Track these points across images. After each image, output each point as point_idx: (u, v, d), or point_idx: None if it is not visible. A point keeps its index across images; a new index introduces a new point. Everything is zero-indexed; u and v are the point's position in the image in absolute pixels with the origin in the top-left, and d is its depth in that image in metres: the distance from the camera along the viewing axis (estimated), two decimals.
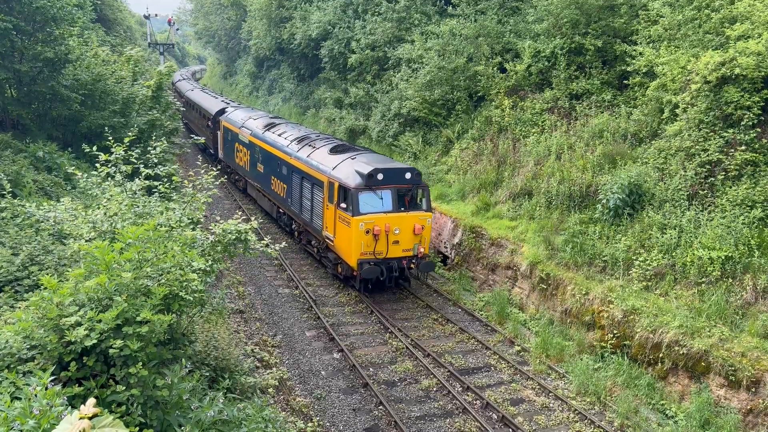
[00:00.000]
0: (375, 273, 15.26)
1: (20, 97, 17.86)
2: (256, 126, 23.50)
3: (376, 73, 29.95)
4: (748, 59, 12.92)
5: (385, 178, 15.38)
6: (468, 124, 22.76)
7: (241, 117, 25.97)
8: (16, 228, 10.41)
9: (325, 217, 16.54)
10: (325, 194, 16.38)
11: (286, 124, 23.09)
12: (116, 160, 10.00)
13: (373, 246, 15.26)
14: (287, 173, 19.40)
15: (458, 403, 11.66)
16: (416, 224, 15.62)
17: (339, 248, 16.13)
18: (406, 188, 15.78)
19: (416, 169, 16.05)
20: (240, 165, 25.36)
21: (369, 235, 15.10)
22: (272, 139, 21.27)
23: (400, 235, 15.52)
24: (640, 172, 14.82)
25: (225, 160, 28.13)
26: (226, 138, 27.48)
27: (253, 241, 9.15)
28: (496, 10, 23.80)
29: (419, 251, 15.89)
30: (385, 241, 15.36)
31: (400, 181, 15.65)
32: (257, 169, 22.75)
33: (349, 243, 15.33)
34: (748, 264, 11.94)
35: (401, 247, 15.70)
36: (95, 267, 6.28)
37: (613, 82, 18.82)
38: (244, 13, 53.66)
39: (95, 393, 5.36)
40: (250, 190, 25.17)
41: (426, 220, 15.84)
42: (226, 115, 28.01)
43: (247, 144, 23.66)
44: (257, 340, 13.59)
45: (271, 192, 21.41)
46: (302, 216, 18.46)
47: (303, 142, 19.42)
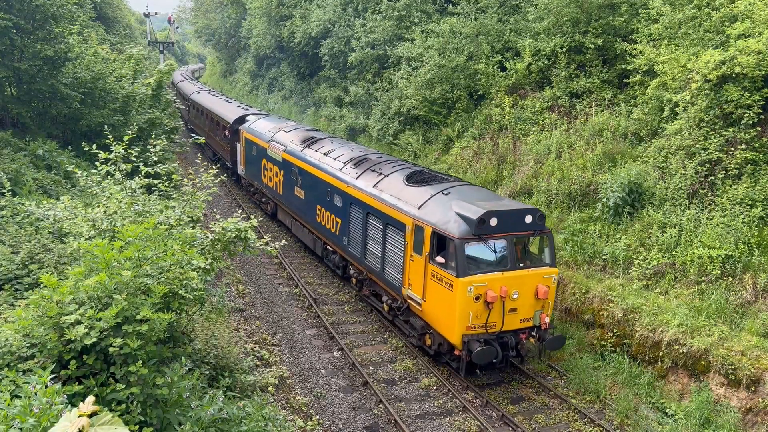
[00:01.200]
0: (490, 356, 11.36)
1: (20, 95, 17.84)
2: (290, 141, 19.82)
3: (376, 72, 29.93)
4: (748, 58, 12.90)
5: (500, 223, 11.44)
6: (468, 123, 22.75)
7: (269, 128, 22.33)
8: (16, 226, 10.40)
9: (409, 270, 12.63)
10: (409, 241, 12.48)
11: (330, 140, 19.09)
12: (116, 159, 9.99)
13: (485, 317, 11.37)
14: (342, 205, 15.57)
15: (458, 402, 11.67)
16: (539, 285, 11.75)
17: (431, 316, 12.21)
18: (525, 236, 12.04)
19: (538, 209, 12.02)
20: (269, 186, 21.54)
21: (479, 302, 11.26)
22: (316, 158, 17.59)
23: (519, 300, 11.65)
24: (641, 171, 14.81)
25: (247, 177, 24.46)
26: (249, 152, 23.58)
27: (252, 239, 9.16)
28: (496, 9, 23.77)
29: (542, 321, 12.02)
30: (501, 309, 11.48)
31: (518, 227, 11.75)
32: (295, 193, 18.94)
33: (450, 312, 11.39)
34: (748, 263, 11.94)
35: (519, 316, 11.81)
36: (95, 265, 6.28)
37: (614, 80, 18.81)
38: (244, 11, 53.62)
39: (95, 391, 5.37)
40: (282, 215, 21.24)
41: (551, 278, 11.97)
42: (249, 125, 24.16)
43: (280, 162, 19.94)
44: (257, 339, 13.60)
45: (316, 224, 17.52)
46: (367, 262, 14.55)
47: (362, 165, 15.64)
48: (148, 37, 57.69)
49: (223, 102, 32.82)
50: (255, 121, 24.27)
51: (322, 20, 33.85)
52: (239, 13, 56.12)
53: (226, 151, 27.92)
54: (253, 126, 23.64)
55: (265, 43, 44.40)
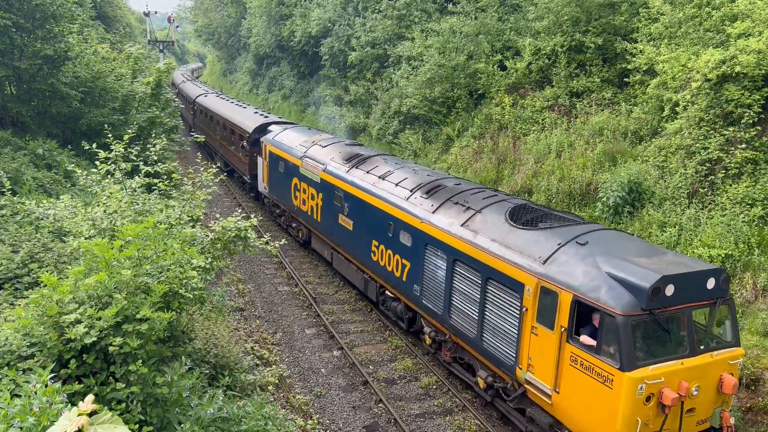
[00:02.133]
0: None
1: (20, 94, 17.84)
2: (330, 158, 16.74)
3: (376, 71, 29.94)
4: (748, 57, 12.91)
5: (677, 291, 8.20)
6: (468, 122, 22.75)
7: (299, 141, 19.23)
8: (16, 225, 10.41)
9: (529, 346, 9.34)
10: (530, 307, 9.21)
11: (383, 159, 15.63)
12: (116, 158, 9.99)
13: (659, 424, 8.15)
14: (413, 244, 12.37)
15: (458, 401, 11.67)
16: (725, 375, 8.52)
17: (570, 416, 8.90)
18: (707, 306, 8.74)
19: (723, 269, 8.87)
20: (302, 210, 18.33)
21: (651, 404, 8.05)
22: (369, 182, 14.41)
23: (698, 397, 8.37)
24: (641, 170, 14.82)
25: (272, 197, 21.42)
26: (274, 168, 20.47)
27: (252, 238, 9.16)
28: (496, 8, 23.77)
29: (725, 423, 8.67)
30: (679, 412, 8.24)
31: (698, 295, 8.51)
32: (340, 222, 15.70)
33: (608, 418, 8.14)
34: (748, 262, 11.95)
35: (695, 418, 8.60)
36: (95, 264, 6.29)
37: (614, 80, 18.81)
38: (244, 10, 53.63)
39: (95, 390, 5.37)
40: (319, 245, 18.09)
41: (737, 364, 8.80)
42: (274, 137, 21.09)
43: (318, 184, 16.89)
44: (257, 338, 13.60)
45: (370, 263, 14.31)
46: (452, 322, 11.23)
47: (438, 194, 12.36)
48: (147, 36, 57.70)
49: (237, 107, 29.90)
50: (280, 132, 21.23)
51: (322, 19, 33.86)
52: (239, 12, 56.13)
53: (244, 164, 24.91)
54: (280, 138, 20.60)
55: (265, 42, 44.41)
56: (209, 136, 31.53)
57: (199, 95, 36.27)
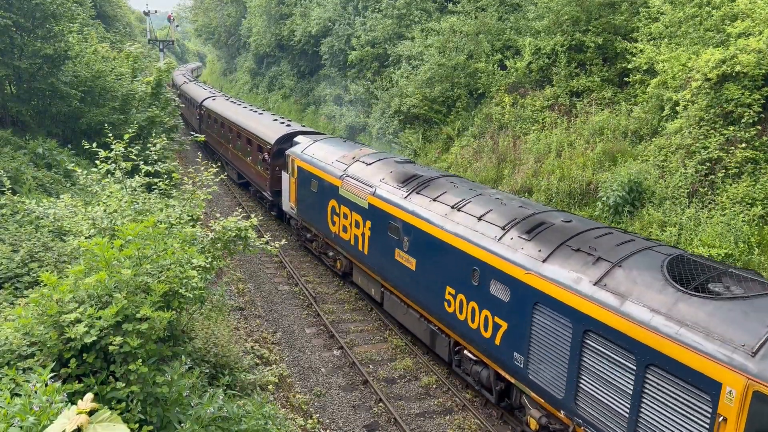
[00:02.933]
0: None
1: (20, 93, 17.84)
2: (381, 180, 14.05)
3: (376, 70, 29.93)
4: (748, 57, 12.91)
5: None
6: (468, 122, 22.75)
7: (336, 156, 16.65)
8: (16, 225, 10.41)
9: None
10: (735, 418, 6.55)
11: (449, 182, 13.00)
12: (116, 157, 10.00)
13: None
14: (513, 300, 9.62)
15: (458, 401, 11.67)
16: None
17: None
18: None
19: None
20: (342, 238, 15.61)
21: None
22: (439, 214, 11.69)
23: None
24: (641, 170, 14.82)
25: (301, 218, 18.64)
26: (305, 186, 17.76)
27: (253, 238, 9.16)
28: (496, 7, 23.78)
29: None
30: None
31: None
32: (397, 259, 12.95)
33: None
34: (748, 262, 11.94)
35: None
36: (95, 264, 6.28)
37: (614, 79, 18.81)
38: (243, 9, 53.63)
39: (95, 390, 5.37)
40: (364, 281, 15.35)
41: None
42: (303, 150, 18.37)
43: (365, 210, 14.21)
44: (257, 337, 13.61)
45: (442, 313, 11.58)
46: (583, 412, 8.49)
47: (543, 235, 9.71)
48: (147, 35, 57.70)
49: (252, 114, 26.98)
50: (310, 144, 18.52)
51: (322, 18, 33.86)
52: (239, 11, 56.15)
53: (263, 179, 22.12)
54: (311, 152, 17.95)
55: (265, 41, 44.41)
56: (219, 144, 29.46)
57: (206, 98, 34.15)
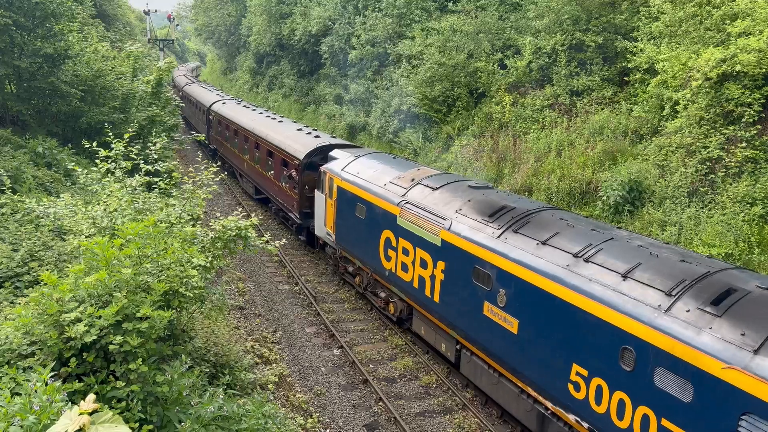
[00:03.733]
0: None
1: (20, 92, 17.83)
2: (455, 210, 11.39)
3: (376, 70, 29.92)
4: (749, 56, 12.91)
5: None
6: (468, 121, 22.75)
7: (389, 177, 13.89)
8: (16, 224, 10.41)
9: None
10: None
11: (558, 217, 10.28)
12: (116, 156, 9.99)
13: None
14: (704, 404, 6.82)
15: (458, 400, 11.67)
16: None
17: None
18: None
19: None
20: (400, 277, 12.96)
21: None
22: (555, 265, 9.01)
23: None
24: (641, 169, 14.82)
25: (341, 247, 15.86)
26: (347, 210, 15.12)
27: (253, 237, 9.15)
28: (496, 7, 23.78)
29: None
30: None
31: None
32: (486, 314, 10.26)
33: None
34: (748, 261, 11.95)
35: None
36: (95, 263, 6.28)
37: (614, 78, 18.80)
38: (244, 9, 53.62)
39: (95, 389, 5.37)
40: (428, 330, 12.72)
41: None
42: (343, 167, 15.66)
43: (436, 248, 11.51)
44: (257, 337, 13.61)
45: (566, 398, 8.83)
46: None
47: (740, 308, 7.04)
48: (148, 34, 57.70)
49: (272, 122, 23.84)
50: (352, 160, 15.73)
51: (322, 18, 33.85)
52: (239, 10, 56.13)
53: (290, 198, 19.37)
54: (354, 170, 15.21)
55: (265, 40, 44.39)
56: (232, 154, 26.95)
57: (215, 102, 31.31)
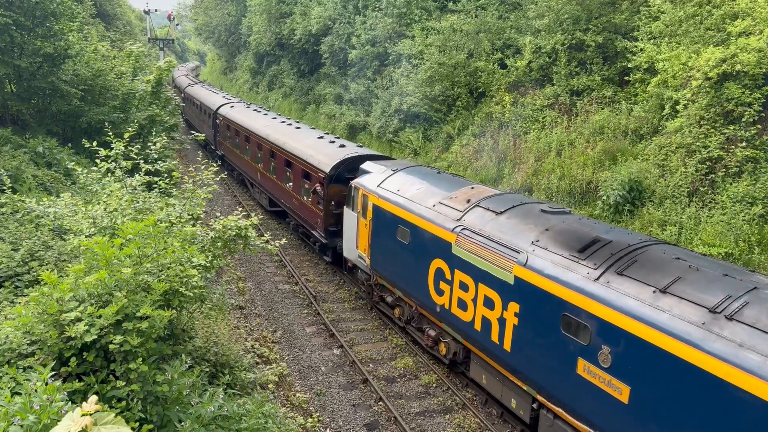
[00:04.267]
0: None
1: (20, 92, 17.83)
2: (531, 241, 9.45)
3: (376, 69, 29.92)
4: (749, 56, 12.90)
5: None
6: (468, 120, 22.74)
7: (438, 197, 11.85)
8: (16, 223, 10.40)
9: None
10: None
11: (676, 257, 8.19)
12: (116, 156, 9.99)
13: None
14: None
15: (458, 399, 11.67)
16: None
17: None
18: None
19: None
20: (455, 315, 11.01)
21: None
22: (687, 323, 6.89)
23: None
24: (641, 169, 14.82)
25: (377, 273, 14.04)
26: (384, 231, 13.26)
27: (253, 237, 9.15)
28: (496, 6, 23.77)
29: None
30: None
31: None
32: (584, 376, 8.19)
33: None
34: (748, 261, 11.94)
35: None
36: (95, 263, 6.28)
37: (614, 78, 18.80)
38: (244, 8, 53.62)
39: (95, 388, 5.37)
40: (489, 378, 10.78)
41: None
42: (378, 183, 13.73)
43: (508, 287, 9.52)
44: (257, 336, 13.61)
45: None
46: None
47: None
48: (147, 34, 57.70)
49: (289, 128, 21.56)
50: (390, 175, 13.78)
51: (322, 17, 33.84)
52: (239, 10, 56.12)
53: (313, 215, 17.39)
54: (392, 186, 13.31)
55: (265, 40, 44.39)
56: (242, 161, 24.92)
57: (222, 105, 29.32)
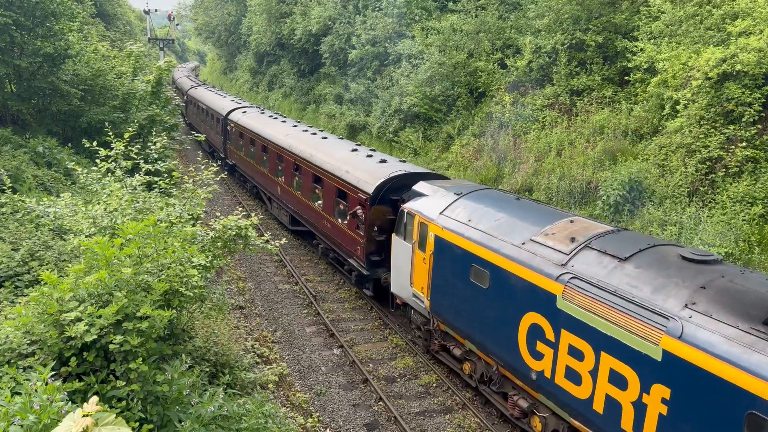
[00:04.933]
0: None
1: (20, 92, 17.83)
2: (684, 304, 7.07)
3: (376, 69, 29.91)
4: (749, 56, 12.90)
5: None
6: (468, 120, 22.74)
7: (528, 231, 9.68)
8: (16, 223, 10.40)
9: None
10: None
11: None
12: (116, 156, 9.99)
13: None
14: None
15: (458, 399, 11.67)
16: None
17: None
18: None
19: None
20: (564, 389, 8.52)
21: None
22: None
23: None
24: (641, 169, 14.82)
25: (440, 318, 11.70)
26: (450, 268, 11.04)
27: (253, 237, 9.15)
28: (496, 6, 23.76)
29: None
30: None
31: None
32: None
33: None
34: (748, 261, 11.94)
35: None
36: (95, 262, 6.28)
37: (614, 78, 18.79)
38: (244, 8, 53.61)
39: (95, 388, 5.37)
40: None
41: None
42: (441, 208, 11.47)
43: (656, 364, 7.06)
44: (257, 336, 13.61)
45: None
46: None
47: None
48: (148, 34, 57.70)
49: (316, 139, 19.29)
50: (454, 201, 11.38)
51: (322, 17, 33.83)
52: (239, 10, 56.11)
53: (352, 240, 15.01)
54: (460, 214, 10.97)
55: (265, 40, 44.37)
56: (258, 173, 23.19)
57: (233, 111, 27.52)
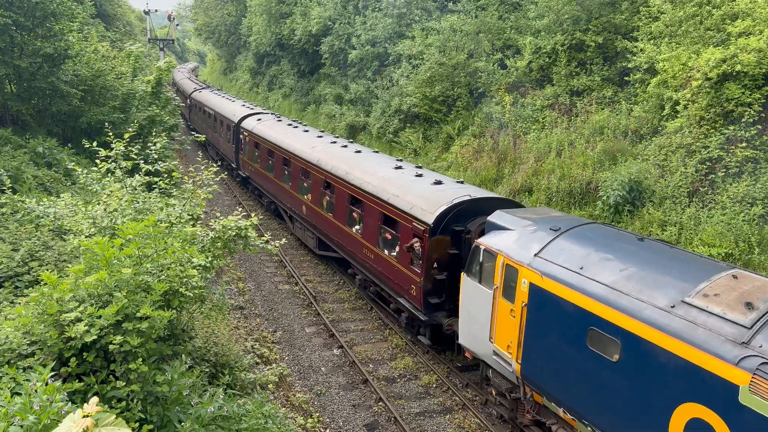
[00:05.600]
0: None
1: (20, 92, 17.82)
2: None
3: (376, 69, 29.91)
4: (749, 56, 12.90)
5: None
6: (468, 121, 22.74)
7: (676, 289, 7.14)
8: (16, 224, 10.40)
9: None
10: None
11: None
12: (116, 156, 9.99)
13: None
14: None
15: (458, 400, 11.67)
16: None
17: None
18: None
19: None
20: None
21: None
22: None
23: None
24: (641, 169, 14.81)
25: (538, 389, 9.17)
26: (560, 329, 8.42)
27: (253, 237, 9.15)
28: (496, 6, 23.76)
29: None
30: None
31: None
32: None
33: None
34: (748, 261, 11.94)
35: None
36: (95, 263, 6.28)
37: (614, 78, 18.80)
38: (244, 8, 53.60)
39: (95, 389, 5.37)
40: None
41: None
42: (537, 249, 9.13)
43: None
44: (257, 336, 13.61)
45: None
46: None
47: None
48: (148, 34, 57.71)
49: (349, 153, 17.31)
50: (553, 239, 9.25)
51: (322, 17, 33.83)
52: (239, 10, 56.11)
53: (404, 277, 12.94)
54: (564, 258, 8.75)
55: (265, 40, 44.38)
56: (277, 188, 21.25)
57: (246, 117, 25.48)
